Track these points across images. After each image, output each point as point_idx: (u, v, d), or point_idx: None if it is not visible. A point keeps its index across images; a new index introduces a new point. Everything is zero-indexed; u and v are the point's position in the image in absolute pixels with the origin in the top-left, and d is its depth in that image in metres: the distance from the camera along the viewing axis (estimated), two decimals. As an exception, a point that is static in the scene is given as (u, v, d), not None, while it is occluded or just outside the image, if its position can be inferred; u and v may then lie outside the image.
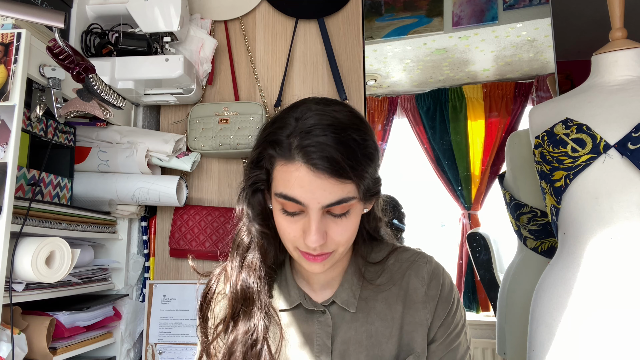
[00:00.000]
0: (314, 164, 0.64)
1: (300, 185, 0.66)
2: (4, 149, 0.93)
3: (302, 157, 0.65)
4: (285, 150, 0.67)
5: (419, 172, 3.14)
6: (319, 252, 0.69)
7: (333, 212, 0.68)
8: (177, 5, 1.33)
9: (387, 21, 2.43)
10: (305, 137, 0.66)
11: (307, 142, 0.65)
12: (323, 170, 0.64)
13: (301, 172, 0.66)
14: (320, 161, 0.64)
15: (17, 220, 0.98)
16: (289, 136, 0.67)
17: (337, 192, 0.66)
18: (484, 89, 3.00)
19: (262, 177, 0.73)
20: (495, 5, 2.26)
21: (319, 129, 0.66)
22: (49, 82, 1.07)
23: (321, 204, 0.66)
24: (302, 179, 0.66)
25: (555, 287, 1.07)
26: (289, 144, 0.67)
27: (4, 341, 0.94)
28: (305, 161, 0.65)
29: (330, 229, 0.69)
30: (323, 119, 0.68)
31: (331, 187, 0.65)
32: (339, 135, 0.66)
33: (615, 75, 1.10)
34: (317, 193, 0.65)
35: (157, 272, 1.45)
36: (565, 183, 1.06)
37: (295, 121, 0.69)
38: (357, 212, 0.71)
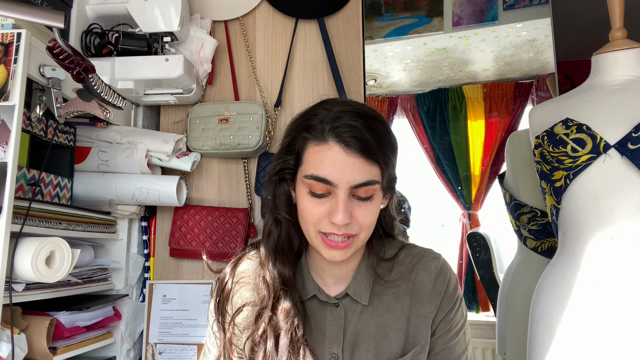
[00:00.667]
0: (346, 142, 0.70)
1: (332, 164, 0.71)
2: (4, 149, 0.93)
3: (335, 137, 0.71)
4: (318, 132, 0.73)
5: (419, 172, 3.14)
6: (343, 232, 0.72)
7: (358, 195, 0.72)
8: (177, 5, 1.33)
9: (387, 21, 2.43)
10: (337, 120, 0.72)
11: (339, 124, 0.72)
12: (355, 149, 0.70)
13: (334, 151, 0.71)
14: (353, 140, 0.70)
15: (17, 220, 0.98)
16: (322, 121, 0.73)
17: (365, 173, 0.71)
18: (484, 89, 3.00)
19: (291, 163, 0.77)
20: (495, 5, 2.26)
21: (349, 115, 0.73)
22: (49, 82, 1.07)
23: (350, 183, 0.70)
24: (334, 158, 0.71)
25: (555, 287, 1.07)
26: (322, 128, 0.73)
27: (4, 341, 0.94)
28: (338, 140, 0.71)
29: (355, 211, 0.73)
30: (351, 110, 0.74)
31: (360, 167, 0.70)
32: (367, 122, 0.72)
33: (615, 75, 1.10)
34: (347, 172, 0.70)
35: (157, 272, 1.45)
36: (565, 183, 1.06)
37: (326, 111, 0.75)
38: (378, 199, 0.76)
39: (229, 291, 0.85)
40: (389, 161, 0.75)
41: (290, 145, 0.78)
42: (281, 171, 0.79)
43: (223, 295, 0.84)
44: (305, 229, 0.77)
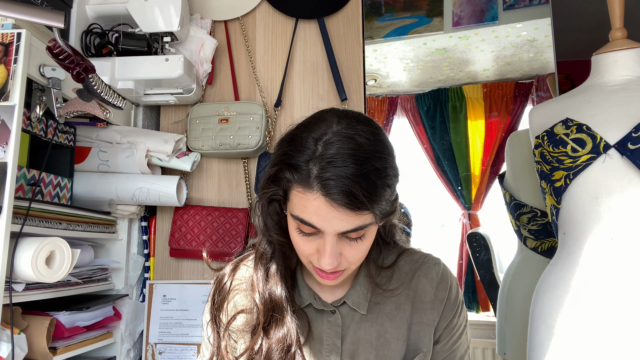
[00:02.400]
0: (332, 198, 0.64)
1: (318, 213, 0.66)
2: (4, 149, 0.93)
3: (321, 189, 0.64)
4: (303, 177, 0.66)
5: (419, 172, 3.14)
6: (331, 270, 0.71)
7: (349, 237, 0.69)
8: (177, 5, 1.33)
9: (387, 21, 2.43)
10: (325, 168, 0.64)
11: (327, 175, 0.64)
12: (341, 205, 0.64)
13: (319, 202, 0.65)
14: (339, 196, 0.63)
15: (17, 220, 0.98)
16: (308, 162, 0.66)
17: (353, 221, 0.66)
18: (484, 89, 3.00)
19: (279, 194, 0.73)
20: (495, 5, 2.26)
21: (339, 160, 0.64)
22: (49, 82, 1.07)
23: (337, 231, 0.67)
24: (319, 209, 0.66)
25: (555, 287, 1.07)
26: (307, 172, 0.66)
27: (4, 341, 0.94)
28: (324, 194, 0.64)
29: (344, 251, 0.70)
30: (344, 147, 0.65)
31: (348, 218, 0.66)
32: (360, 167, 0.64)
33: (615, 75, 1.10)
34: (334, 222, 0.66)
35: (157, 272, 1.45)
36: (565, 183, 1.06)
37: (314, 144, 0.67)
38: (372, 233, 0.72)
39: (226, 293, 0.83)
40: (382, 202, 0.68)
41: (275, 179, 0.72)
42: (271, 199, 0.76)
43: (220, 297, 0.83)
44: (299, 256, 0.76)
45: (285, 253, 0.81)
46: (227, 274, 0.85)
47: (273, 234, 0.78)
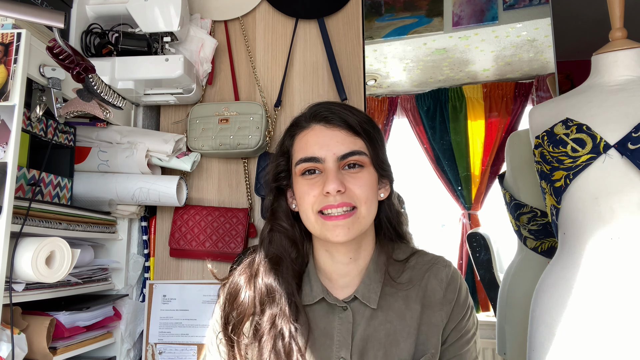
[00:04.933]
0: (326, 120, 0.78)
1: (316, 141, 0.77)
2: (4, 149, 0.93)
3: (316, 119, 0.79)
4: (302, 123, 0.81)
5: (419, 172, 3.14)
6: (339, 201, 0.74)
7: (348, 167, 0.77)
8: (177, 5, 1.33)
9: (387, 21, 2.43)
10: (318, 109, 0.81)
11: (320, 110, 0.80)
12: (335, 123, 0.78)
13: (316, 130, 0.79)
14: (332, 116, 0.78)
15: (17, 220, 0.98)
16: (304, 115, 0.83)
17: (349, 144, 0.77)
18: (484, 89, 3.00)
19: (283, 164, 0.83)
20: (495, 5, 2.26)
21: (329, 104, 0.81)
22: (49, 82, 1.07)
23: (336, 154, 0.76)
24: (316, 135, 0.78)
25: (555, 287, 1.07)
26: (304, 119, 0.82)
27: (4, 341, 0.94)
28: (319, 121, 0.79)
29: (347, 182, 0.76)
30: (332, 102, 0.84)
31: (344, 139, 0.77)
32: (347, 106, 0.82)
33: (615, 75, 1.10)
34: (331, 144, 0.76)
35: (157, 272, 1.45)
36: (565, 183, 1.06)
37: (309, 109, 0.83)
38: (370, 173, 0.79)
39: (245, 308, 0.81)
40: (373, 137, 0.80)
41: (281, 147, 0.84)
42: (277, 176, 0.84)
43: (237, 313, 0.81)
44: (307, 219, 0.79)
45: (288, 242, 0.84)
46: (242, 286, 0.83)
47: (281, 221, 0.84)
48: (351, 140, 0.77)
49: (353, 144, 0.77)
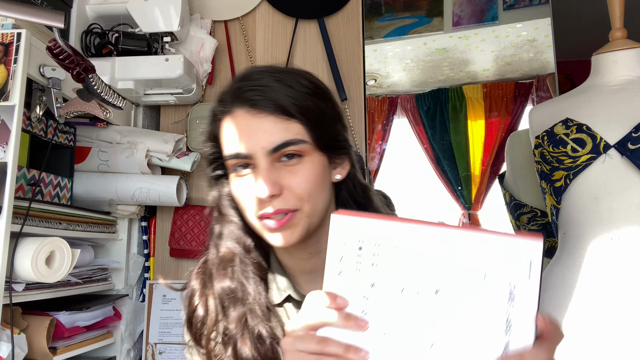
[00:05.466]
0: (252, 103, 0.61)
1: (239, 132, 0.62)
2: (4, 149, 0.93)
3: (239, 101, 0.62)
4: (226, 105, 0.64)
5: (419, 172, 3.14)
6: (276, 207, 0.61)
7: (284, 160, 0.62)
8: (177, 5, 1.33)
9: (387, 21, 2.43)
10: (242, 84, 0.63)
11: (243, 86, 0.63)
12: (260, 108, 0.61)
13: (239, 117, 0.62)
14: (255, 99, 0.61)
15: (17, 220, 0.98)
16: (227, 92, 0.65)
17: (280, 132, 0.61)
18: (484, 89, 3.00)
19: (216, 153, 0.67)
20: (495, 5, 2.26)
21: (257, 76, 0.63)
22: (49, 82, 1.07)
23: (265, 148, 0.60)
24: (239, 125, 0.62)
25: (555, 287, 1.07)
26: (226, 98, 0.65)
27: (4, 341, 0.94)
28: (242, 104, 0.62)
29: (284, 179, 0.61)
30: (261, 68, 0.65)
31: (272, 127, 0.61)
32: (276, 76, 0.63)
33: (615, 75, 1.09)
34: (258, 136, 0.61)
35: (157, 272, 1.45)
36: (565, 183, 1.06)
37: (232, 84, 0.66)
38: (314, 162, 0.63)
39: (199, 312, 0.72)
40: (316, 115, 0.63)
41: (209, 131, 0.68)
42: (211, 166, 0.69)
43: (194, 316, 0.73)
44: (249, 220, 0.66)
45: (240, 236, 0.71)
46: (197, 291, 0.73)
47: (229, 215, 0.70)
48: (283, 126, 0.61)
49: (286, 131, 0.60)
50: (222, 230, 0.71)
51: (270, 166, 0.61)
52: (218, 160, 0.68)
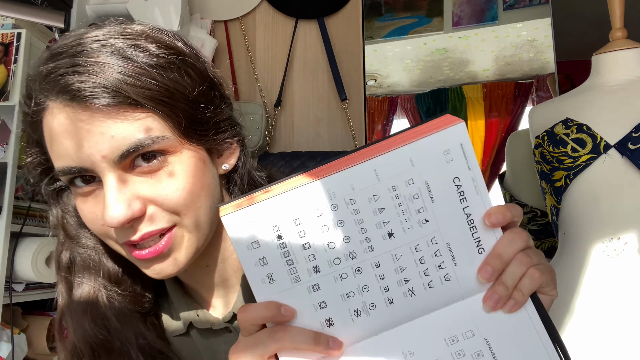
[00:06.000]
0: (70, 96, 0.41)
1: (67, 138, 0.42)
2: (4, 149, 0.93)
3: (53, 92, 0.42)
4: (37, 97, 0.43)
5: (419, 172, 3.14)
6: (143, 232, 0.44)
7: (140, 165, 0.44)
8: (177, 5, 1.33)
9: (387, 21, 2.43)
10: (53, 62, 0.42)
11: (56, 65, 0.42)
12: (85, 102, 0.41)
13: (59, 116, 0.42)
14: (80, 84, 0.41)
15: (17, 220, 0.98)
16: (36, 78, 0.44)
17: (126, 131, 0.42)
18: (484, 89, 3.00)
19: (44, 160, 0.49)
20: (495, 5, 2.26)
21: (75, 45, 0.43)
22: (49, 82, 1.07)
23: (108, 157, 0.42)
24: (64, 126, 0.42)
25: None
26: (38, 89, 0.44)
27: (4, 341, 0.94)
28: (56, 96, 0.42)
29: (145, 191, 0.44)
30: (76, 35, 0.44)
31: (113, 125, 0.41)
32: (109, 43, 0.43)
33: (615, 75, 1.09)
34: (94, 140, 0.41)
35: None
36: (566, 183, 1.06)
37: (41, 62, 0.45)
38: (186, 160, 0.46)
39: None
40: (172, 96, 0.43)
41: (28, 137, 0.48)
42: (46, 178, 0.51)
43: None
44: (110, 246, 0.49)
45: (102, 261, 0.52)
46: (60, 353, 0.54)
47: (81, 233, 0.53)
48: (129, 122, 0.42)
49: (133, 128, 0.42)
50: (73, 257, 0.53)
51: (119, 180, 0.43)
52: (53, 170, 0.47)
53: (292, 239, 0.37)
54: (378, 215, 0.37)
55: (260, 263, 0.37)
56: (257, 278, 0.37)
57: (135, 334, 0.50)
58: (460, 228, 0.38)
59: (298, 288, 0.38)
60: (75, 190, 0.46)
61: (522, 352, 0.39)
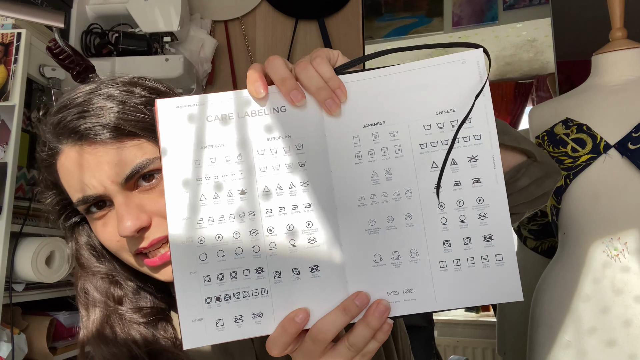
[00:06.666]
0: (78, 137, 0.51)
1: (80, 172, 0.52)
2: (4, 149, 0.93)
3: (64, 137, 0.52)
4: (51, 143, 0.54)
5: (419, 172, 3.14)
6: (151, 239, 0.52)
7: (142, 184, 0.52)
8: (177, 5, 1.33)
9: (387, 21, 2.43)
10: (61, 113, 0.53)
11: (63, 115, 0.52)
12: (91, 139, 0.50)
13: (72, 156, 0.52)
14: (86, 126, 0.51)
15: (17, 220, 0.98)
16: (49, 130, 0.54)
17: (127, 158, 0.51)
18: (484, 89, 3.00)
19: (59, 200, 0.58)
20: (495, 5, 2.26)
21: (76, 98, 0.53)
22: (49, 82, 1.07)
23: (115, 181, 0.51)
24: (73, 164, 0.52)
25: (555, 287, 1.07)
26: (52, 137, 0.53)
27: (4, 341, 0.94)
28: (67, 139, 0.52)
29: (149, 205, 0.51)
30: (76, 92, 0.55)
31: (116, 155, 0.51)
32: (105, 92, 0.53)
33: (615, 75, 1.09)
34: (103, 169, 0.50)
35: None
36: (566, 183, 1.06)
37: (52, 117, 0.54)
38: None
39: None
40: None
41: (44, 181, 0.58)
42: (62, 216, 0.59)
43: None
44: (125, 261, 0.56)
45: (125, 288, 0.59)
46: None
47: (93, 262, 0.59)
48: (128, 150, 0.51)
49: (133, 155, 0.51)
50: (86, 286, 0.60)
51: (127, 199, 0.51)
52: (68, 208, 0.58)
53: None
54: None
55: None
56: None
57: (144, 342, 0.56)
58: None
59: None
60: (91, 217, 0.54)
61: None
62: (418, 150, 0.41)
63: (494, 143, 0.41)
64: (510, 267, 0.39)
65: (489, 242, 0.40)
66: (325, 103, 0.42)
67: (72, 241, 0.61)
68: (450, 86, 0.41)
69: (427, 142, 0.41)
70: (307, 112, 0.42)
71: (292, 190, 0.41)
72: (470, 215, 0.40)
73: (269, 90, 0.42)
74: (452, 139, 0.40)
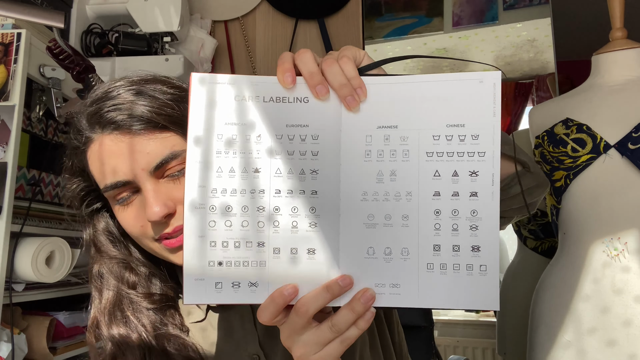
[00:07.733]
0: (115, 126, 0.55)
1: (113, 160, 0.56)
2: (4, 149, 0.93)
3: (99, 126, 0.56)
4: (85, 132, 0.58)
5: (419, 172, 3.14)
6: (174, 225, 0.56)
7: (169, 174, 0.56)
8: (177, 5, 1.33)
9: (387, 21, 2.43)
10: (97, 105, 0.57)
11: (99, 106, 0.57)
12: (125, 128, 0.55)
13: (104, 144, 0.56)
14: (121, 117, 0.55)
15: (17, 220, 0.98)
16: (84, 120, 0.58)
17: (157, 149, 0.55)
18: (484, 89, 3.00)
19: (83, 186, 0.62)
20: (495, 5, 2.26)
21: (112, 91, 0.58)
22: (49, 82, 1.07)
23: (145, 168, 0.55)
24: (109, 152, 0.56)
25: (555, 287, 1.07)
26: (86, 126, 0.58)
27: (4, 341, 0.94)
28: (102, 129, 0.56)
29: (175, 193, 0.55)
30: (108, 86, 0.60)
31: (146, 144, 0.55)
32: (137, 88, 0.58)
33: (615, 75, 1.09)
34: (134, 158, 0.55)
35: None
36: (566, 183, 1.06)
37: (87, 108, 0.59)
38: None
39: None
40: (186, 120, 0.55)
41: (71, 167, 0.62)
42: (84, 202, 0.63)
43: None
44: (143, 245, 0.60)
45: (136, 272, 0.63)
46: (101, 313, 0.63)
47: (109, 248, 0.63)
48: (159, 142, 0.55)
49: (163, 147, 0.55)
50: (101, 270, 0.63)
51: (156, 186, 0.55)
52: (91, 194, 0.63)
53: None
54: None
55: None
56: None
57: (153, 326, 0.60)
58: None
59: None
60: (116, 203, 0.58)
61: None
62: (424, 158, 0.43)
63: (495, 163, 0.43)
64: (491, 279, 0.42)
65: (476, 253, 0.42)
66: (345, 99, 0.45)
67: (90, 227, 0.65)
68: (464, 102, 0.44)
69: (434, 152, 0.43)
70: (327, 106, 0.45)
71: (301, 176, 0.44)
72: (462, 225, 0.43)
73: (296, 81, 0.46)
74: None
